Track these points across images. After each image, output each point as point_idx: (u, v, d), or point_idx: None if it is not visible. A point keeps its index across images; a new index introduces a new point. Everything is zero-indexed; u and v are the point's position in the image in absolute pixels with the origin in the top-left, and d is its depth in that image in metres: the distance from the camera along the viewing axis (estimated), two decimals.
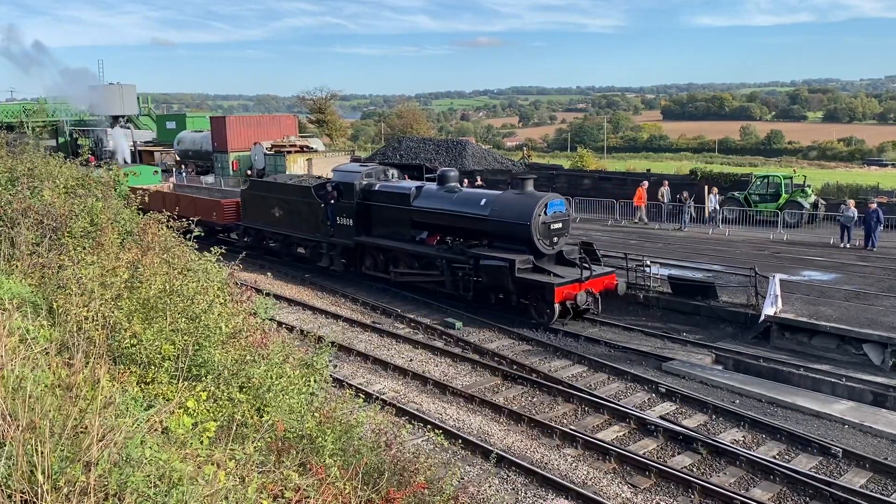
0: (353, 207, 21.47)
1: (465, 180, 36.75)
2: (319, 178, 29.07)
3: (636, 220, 30.74)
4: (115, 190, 13.39)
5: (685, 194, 30.08)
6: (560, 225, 18.11)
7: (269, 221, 24.82)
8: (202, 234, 11.25)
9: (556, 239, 18.02)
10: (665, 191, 31.31)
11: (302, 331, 16.01)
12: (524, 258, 17.41)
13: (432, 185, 20.65)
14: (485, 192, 19.93)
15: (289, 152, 46.05)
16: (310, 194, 22.94)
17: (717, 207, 29.40)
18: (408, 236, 20.47)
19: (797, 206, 28.95)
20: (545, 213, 17.62)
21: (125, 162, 44.84)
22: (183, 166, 51.17)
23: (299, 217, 23.53)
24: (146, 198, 27.99)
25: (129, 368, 6.30)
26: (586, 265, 17.26)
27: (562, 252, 18.30)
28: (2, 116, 61.66)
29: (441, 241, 20.21)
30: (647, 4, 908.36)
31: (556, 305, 16.66)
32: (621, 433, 11.95)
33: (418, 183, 21.26)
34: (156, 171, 35.29)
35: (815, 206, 29.71)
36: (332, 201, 22.03)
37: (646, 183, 32.16)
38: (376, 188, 21.38)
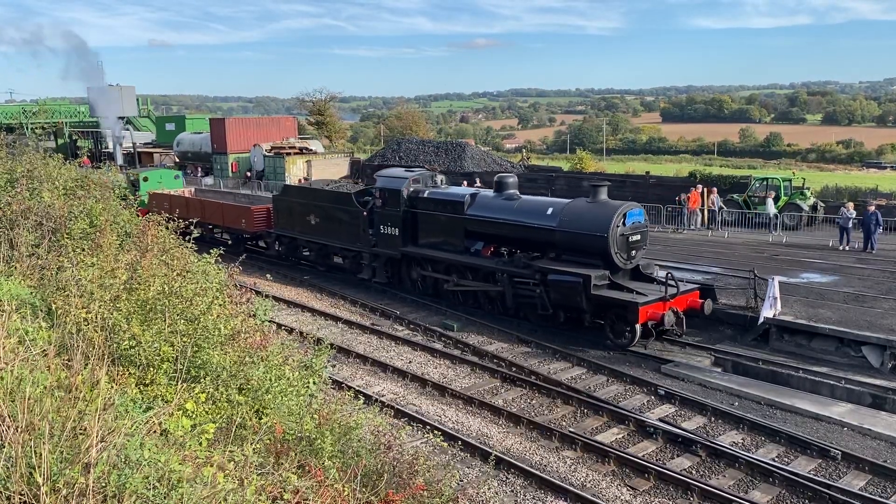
0: (400, 216, 20.06)
1: (464, 182, 36.83)
2: (357, 182, 28.67)
3: (692, 227, 29.08)
4: (114, 191, 13.38)
5: (683, 196, 30.07)
6: (639, 237, 16.64)
7: (303, 229, 23.61)
8: (202, 234, 11.19)
9: (633, 252, 16.54)
10: (715, 198, 29.93)
11: (301, 332, 16.01)
12: (600, 273, 15.92)
13: (488, 192, 19.34)
14: (551, 201, 18.31)
15: (288, 154, 46.08)
16: (350, 201, 21.81)
17: (723, 207, 29.30)
18: (460, 247, 19.08)
19: (796, 208, 28.97)
20: (623, 223, 16.18)
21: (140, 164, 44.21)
22: (184, 167, 51.13)
23: (338, 225, 22.25)
24: (168, 203, 27.60)
25: (127, 370, 6.29)
26: (672, 281, 15.65)
27: (638, 266, 16.83)
28: (1, 118, 61.68)
29: (495, 253, 19.02)
30: (645, 6, 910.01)
31: (638, 326, 15.21)
32: (620, 435, 11.94)
33: (472, 189, 19.91)
34: (177, 176, 33.79)
35: (813, 208, 29.73)
36: (376, 209, 20.78)
37: (700, 186, 30.65)
38: (425, 195, 19.89)
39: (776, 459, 10.96)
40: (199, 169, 50.51)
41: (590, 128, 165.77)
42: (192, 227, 11.06)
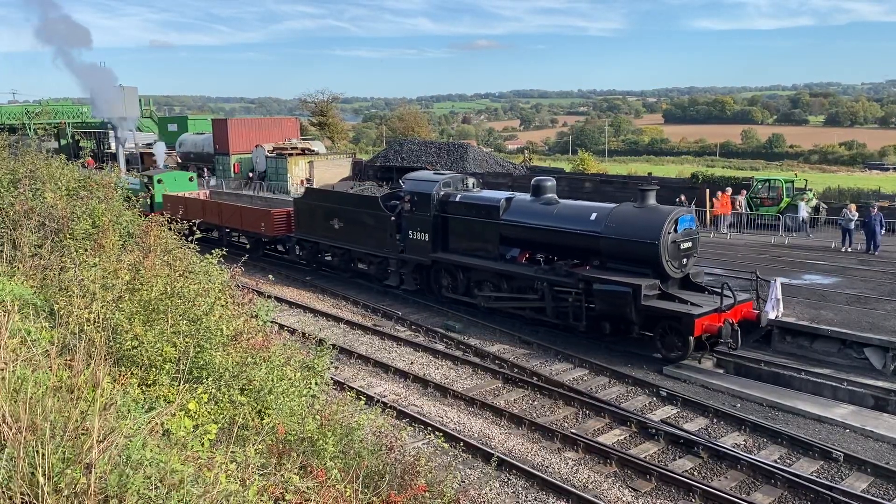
0: (430, 220, 19.30)
1: None
2: (382, 185, 28.23)
3: (722, 231, 28.48)
4: (117, 191, 13.39)
5: (682, 197, 30.05)
6: (690, 244, 15.81)
7: (326, 234, 22.82)
8: (203, 234, 11.18)
9: (684, 260, 15.74)
10: (742, 200, 29.78)
11: (303, 333, 16.01)
12: (650, 283, 15.12)
13: (525, 197, 18.49)
14: (594, 205, 17.38)
15: (290, 155, 46.11)
16: (377, 205, 20.99)
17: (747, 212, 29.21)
18: (494, 254, 18.28)
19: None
20: (675, 229, 15.36)
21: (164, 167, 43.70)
22: (187, 168, 51.18)
23: (363, 230, 21.45)
24: (183, 206, 27.35)
25: (130, 370, 6.30)
26: (728, 291, 14.84)
27: (687, 275, 16.08)
28: (4, 118, 61.79)
29: (531, 260, 18.23)
30: (647, 7, 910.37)
31: (692, 339, 14.43)
32: (622, 437, 11.93)
33: (507, 194, 19.08)
34: (192, 178, 32.84)
35: (816, 209, 29.69)
36: (404, 213, 20.07)
37: (729, 189, 30.04)
38: (457, 199, 19.08)
39: (778, 461, 10.94)
40: (207, 170, 50.58)
41: (592, 129, 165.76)
42: (195, 228, 11.03)
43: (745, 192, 30.39)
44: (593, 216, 16.41)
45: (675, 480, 10.27)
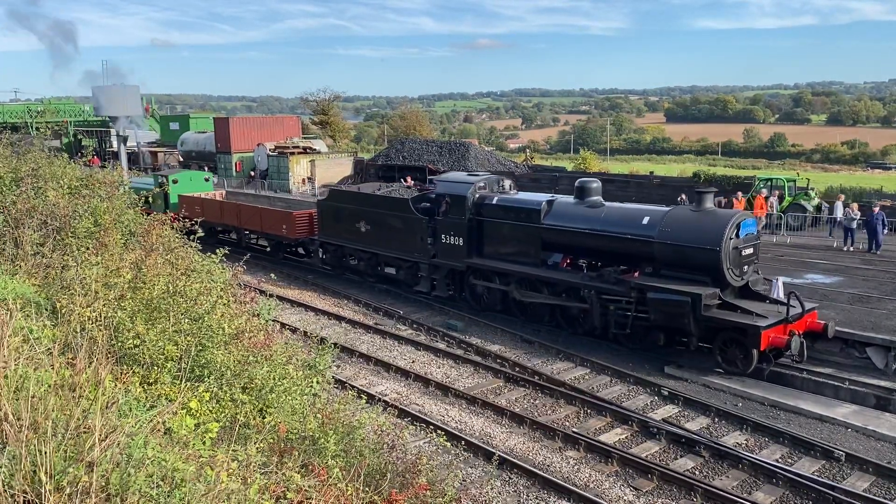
0: (465, 224, 18.48)
1: None
2: (409, 187, 27.59)
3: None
4: (119, 190, 13.39)
5: (683, 196, 30.04)
6: (751, 250, 15.01)
7: (351, 237, 22.02)
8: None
9: (745, 268, 14.91)
10: (774, 201, 29.01)
11: (305, 332, 16.03)
12: (710, 292, 14.29)
13: (568, 199, 17.62)
14: (646, 209, 16.53)
15: (292, 153, 46.14)
16: (407, 208, 20.19)
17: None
18: (535, 259, 17.42)
19: (800, 209, 28.89)
20: (737, 235, 14.55)
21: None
22: (188, 167, 51.23)
23: (392, 233, 20.63)
24: (199, 207, 27.07)
25: (131, 369, 6.31)
26: (795, 301, 14.06)
27: (747, 283, 15.18)
28: (6, 117, 61.87)
29: (571, 265, 17.42)
30: (649, 7, 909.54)
31: (756, 352, 13.69)
32: (624, 436, 11.93)
33: (548, 196, 18.21)
34: (207, 178, 31.83)
35: (818, 209, 29.65)
36: (437, 216, 19.35)
37: (764, 191, 29.12)
38: (494, 202, 18.25)
39: (780, 460, 10.94)
40: (208, 169, 50.63)
41: (593, 128, 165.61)
42: (196, 227, 11.03)
43: (777, 192, 29.50)
44: (646, 220, 15.50)
45: (676, 479, 10.27)
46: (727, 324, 14.02)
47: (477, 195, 18.57)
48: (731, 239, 14.39)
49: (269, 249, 26.59)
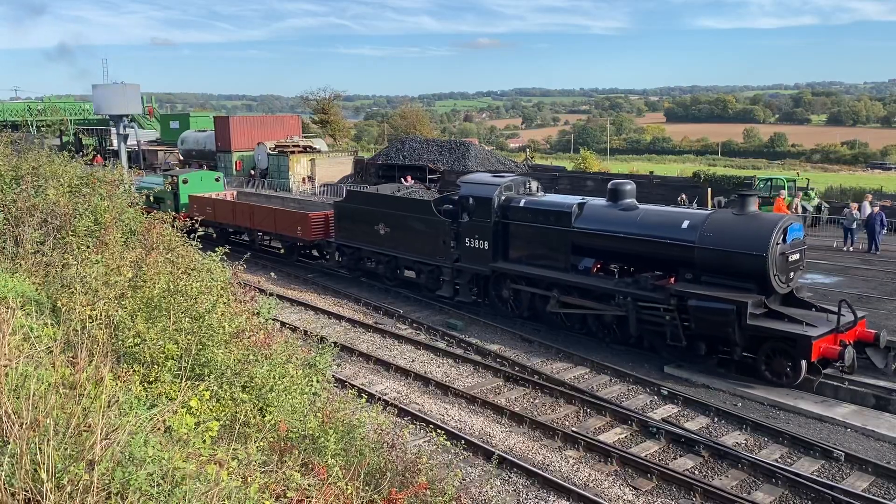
0: (490, 227, 17.90)
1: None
2: (428, 188, 27.07)
3: None
4: (120, 189, 13.40)
5: (683, 196, 30.06)
6: (798, 256, 14.41)
7: (370, 240, 21.44)
8: (208, 233, 11.12)
9: (791, 274, 14.30)
10: (798, 202, 28.91)
11: (305, 331, 16.04)
12: (756, 299, 13.72)
13: (600, 202, 16.96)
14: (685, 212, 16.00)
15: (292, 152, 46.15)
16: (429, 210, 19.67)
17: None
18: (565, 264, 16.79)
19: (800, 209, 28.91)
20: (783, 240, 13.93)
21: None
22: (188, 166, 51.25)
23: (413, 236, 20.08)
24: (211, 208, 26.82)
25: (132, 367, 6.31)
26: (846, 309, 13.59)
27: (792, 290, 14.59)
28: (6, 115, 61.87)
29: (603, 271, 16.83)
30: (650, 6, 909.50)
31: (804, 363, 13.11)
32: (623, 435, 11.94)
33: (579, 198, 17.55)
34: (218, 178, 31.19)
35: (818, 209, 29.67)
36: (461, 219, 18.79)
37: (783, 192, 28.54)
38: (521, 204, 17.64)
39: (779, 460, 10.94)
40: (207, 167, 50.62)
41: (594, 127, 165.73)
42: (196, 225, 11.01)
43: (801, 194, 29.05)
44: (686, 224, 14.85)
45: (675, 479, 10.27)
46: (775, 333, 13.38)
47: (503, 197, 18.03)
48: (777, 244, 13.77)
49: (282, 251, 26.22)
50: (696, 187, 33.03)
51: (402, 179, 38.50)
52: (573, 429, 12.02)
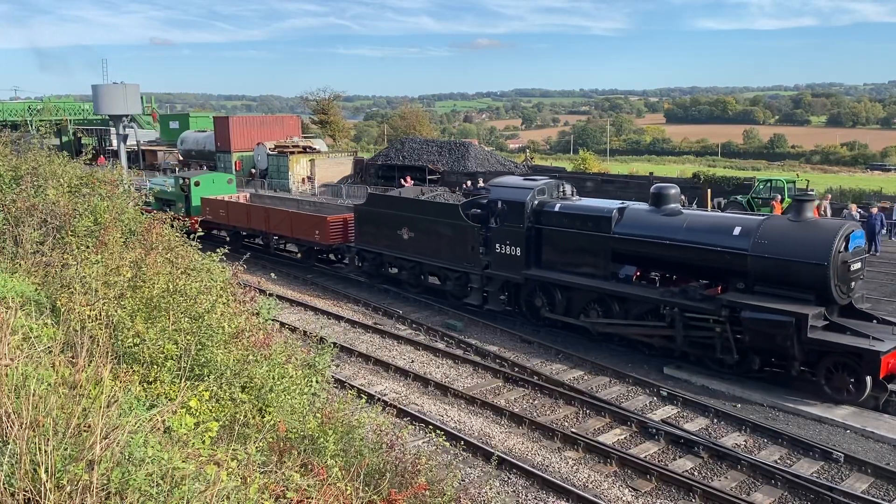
0: (523, 233, 17.18)
1: (468, 182, 36.83)
2: (455, 191, 26.42)
3: None
4: (119, 188, 13.39)
5: (684, 199, 30.04)
6: (859, 265, 13.65)
7: (393, 245, 20.75)
8: (205, 233, 11.13)
9: (853, 284, 13.56)
10: (826, 204, 27.80)
11: (304, 331, 16.04)
12: (817, 311, 12.94)
13: (641, 206, 16.25)
14: (736, 218, 15.08)
15: (292, 153, 46.16)
16: (457, 214, 18.91)
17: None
18: (605, 272, 16.04)
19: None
20: (845, 248, 13.20)
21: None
22: (188, 166, 51.28)
23: (439, 241, 19.34)
24: (224, 210, 26.61)
25: (131, 367, 6.31)
26: None
27: (851, 301, 13.82)
28: (6, 115, 61.87)
29: (644, 279, 16.25)
30: (650, 7, 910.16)
31: (869, 379, 12.41)
32: (623, 436, 11.94)
33: (618, 203, 16.73)
34: (230, 180, 30.62)
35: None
36: (491, 224, 18.10)
37: (828, 196, 27.80)
38: (556, 208, 16.86)
39: (779, 461, 10.95)
40: (207, 167, 50.60)
41: (593, 128, 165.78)
42: (197, 226, 11.02)
43: (829, 196, 28.25)
44: (737, 230, 14.06)
45: (675, 480, 10.28)
46: (838, 347, 12.64)
47: (536, 201, 17.28)
48: (839, 252, 13.05)
49: (299, 256, 25.68)
50: (695, 188, 33.01)
51: (402, 180, 38.50)
52: (573, 430, 12.02)
